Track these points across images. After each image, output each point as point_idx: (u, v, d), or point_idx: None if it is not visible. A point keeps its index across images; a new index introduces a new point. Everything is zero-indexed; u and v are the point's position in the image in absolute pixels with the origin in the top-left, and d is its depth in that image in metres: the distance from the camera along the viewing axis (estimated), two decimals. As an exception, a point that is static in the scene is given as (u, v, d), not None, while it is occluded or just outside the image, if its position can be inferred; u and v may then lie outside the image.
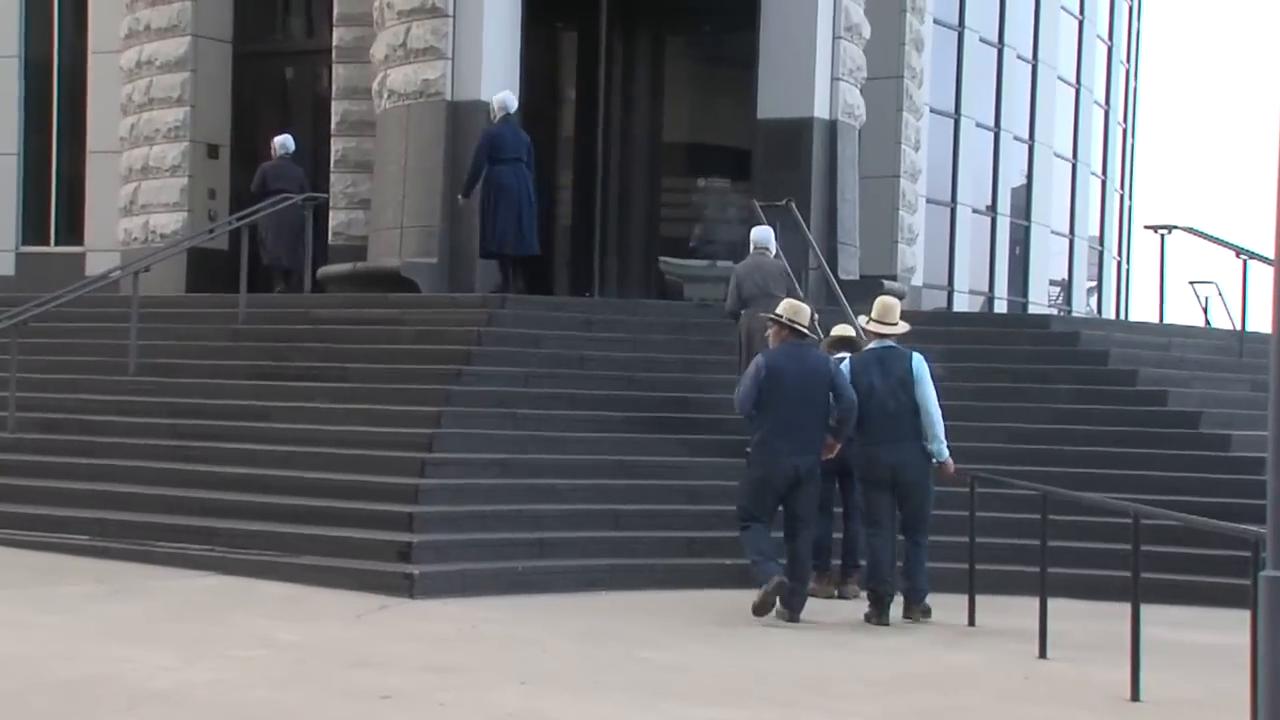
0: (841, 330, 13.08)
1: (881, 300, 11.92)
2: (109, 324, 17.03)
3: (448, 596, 11.47)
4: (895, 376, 11.44)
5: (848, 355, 12.24)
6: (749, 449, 11.55)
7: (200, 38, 21.44)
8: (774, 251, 14.76)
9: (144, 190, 21.68)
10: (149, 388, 15.49)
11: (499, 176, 16.78)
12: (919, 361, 11.57)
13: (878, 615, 11.32)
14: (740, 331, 14.20)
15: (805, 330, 11.57)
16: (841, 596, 12.26)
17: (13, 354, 14.65)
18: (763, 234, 14.79)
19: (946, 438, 11.61)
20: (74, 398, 15.57)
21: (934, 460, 11.56)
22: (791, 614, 11.24)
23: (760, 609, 11.07)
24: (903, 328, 11.77)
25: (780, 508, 11.46)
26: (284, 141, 19.48)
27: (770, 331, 11.69)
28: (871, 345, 11.84)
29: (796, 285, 14.63)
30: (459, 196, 17.15)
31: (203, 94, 21.46)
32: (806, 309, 11.83)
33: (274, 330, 16.53)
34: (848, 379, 11.44)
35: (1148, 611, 8.90)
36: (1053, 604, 10.19)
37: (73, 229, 23.47)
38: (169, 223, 21.31)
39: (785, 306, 11.74)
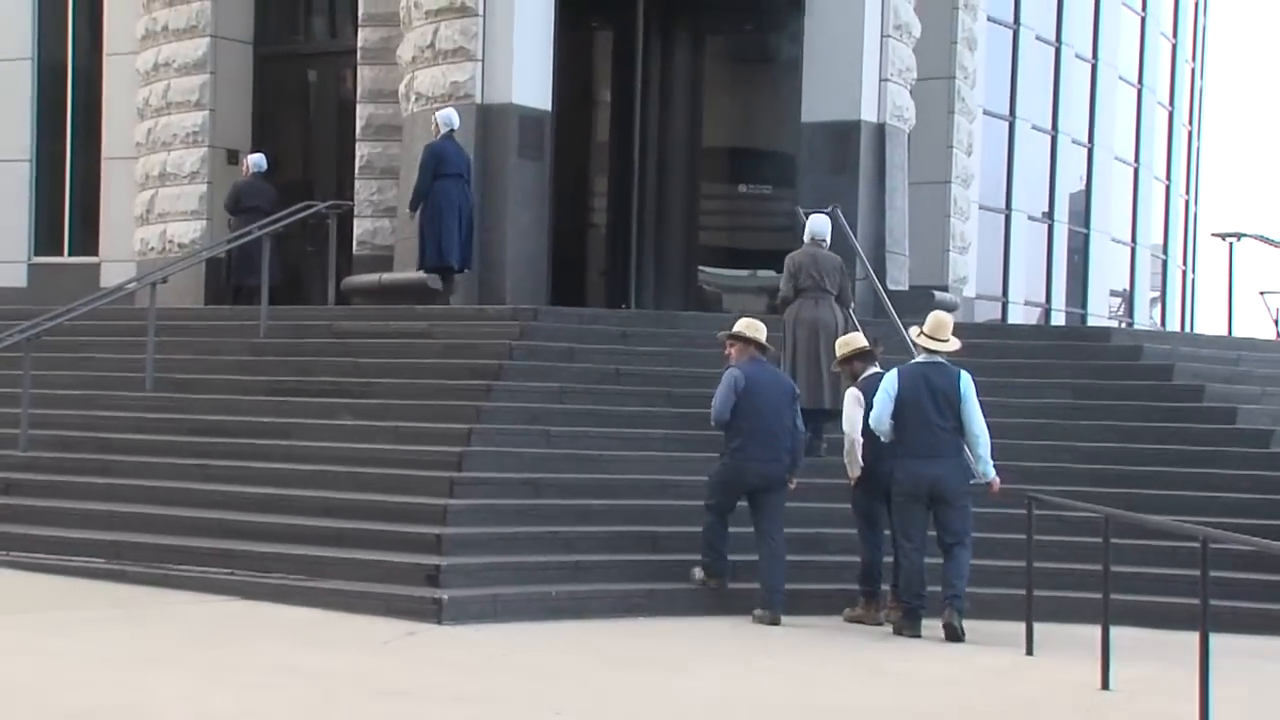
0: (856, 341, 12.75)
1: (935, 315, 12.01)
2: (125, 338, 16.87)
3: (478, 622, 11.26)
4: (941, 393, 11.62)
5: (875, 369, 12.32)
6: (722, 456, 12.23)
7: (220, 39, 21.42)
8: (829, 244, 14.82)
9: (161, 198, 21.63)
10: (167, 404, 15.34)
11: (442, 191, 17.06)
12: (966, 379, 11.70)
13: (909, 627, 11.57)
14: (787, 323, 14.30)
15: (767, 345, 12.39)
16: (890, 622, 11.98)
17: (25, 369, 14.52)
18: (819, 225, 14.87)
19: (992, 456, 11.76)
20: (89, 415, 15.40)
21: (982, 479, 11.72)
22: (773, 615, 11.83)
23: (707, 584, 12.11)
24: (954, 344, 11.91)
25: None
26: (257, 160, 19.95)
27: (734, 349, 12.36)
28: (919, 359, 11.88)
29: (850, 283, 14.70)
30: (408, 211, 17.44)
31: (222, 97, 21.41)
32: (763, 325, 12.45)
33: (296, 344, 16.36)
34: (888, 393, 11.67)
35: (1218, 641, 8.57)
36: (1116, 633, 10.03)
37: (87, 239, 23.46)
38: (187, 232, 21.24)
39: (742, 324, 12.38)
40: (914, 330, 12.05)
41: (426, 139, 18.03)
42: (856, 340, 12.71)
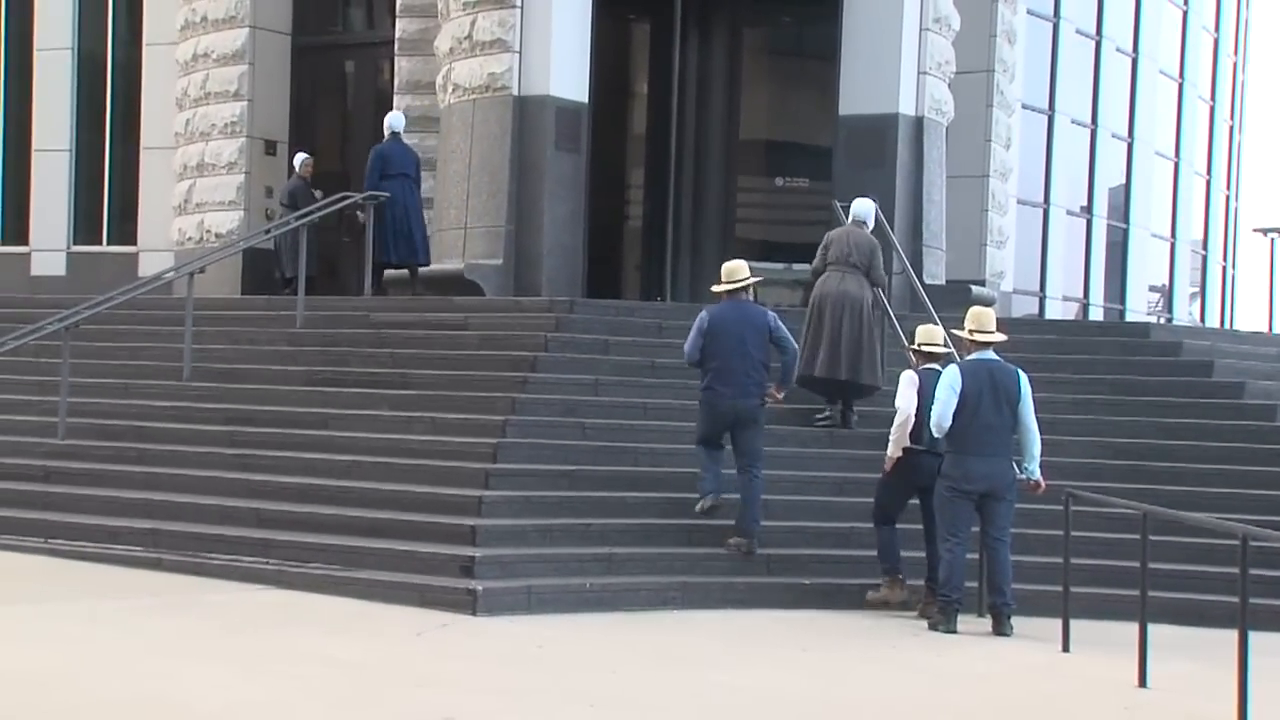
0: (938, 339, 12.56)
1: (977, 310, 11.98)
2: (163, 327, 16.96)
3: (512, 614, 11.22)
4: (1004, 390, 11.56)
5: (935, 366, 12.18)
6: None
7: (258, 29, 21.48)
8: (870, 227, 14.91)
9: (199, 188, 21.69)
10: (204, 394, 15.33)
11: (388, 191, 17.74)
12: (1024, 378, 11.70)
13: (945, 623, 11.52)
14: (813, 294, 14.43)
15: (738, 289, 12.74)
16: (925, 617, 11.94)
17: (64, 357, 14.55)
18: (862, 207, 15.03)
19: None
20: (127, 404, 15.40)
21: (1029, 478, 11.70)
22: (750, 544, 12.51)
23: (705, 513, 12.57)
24: (1001, 335, 11.89)
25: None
26: (301, 159, 20.26)
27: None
28: (976, 356, 11.75)
29: (880, 261, 14.67)
30: (356, 213, 18.07)
31: (260, 88, 21.49)
32: (743, 265, 12.86)
33: (333, 335, 16.35)
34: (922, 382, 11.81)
35: (1257, 639, 8.48)
36: (1154, 630, 9.91)
37: (126, 228, 23.50)
38: (225, 222, 21.29)
39: (724, 269, 12.85)
40: (962, 332, 11.93)
41: (464, 131, 18.07)
42: (939, 337, 12.54)
